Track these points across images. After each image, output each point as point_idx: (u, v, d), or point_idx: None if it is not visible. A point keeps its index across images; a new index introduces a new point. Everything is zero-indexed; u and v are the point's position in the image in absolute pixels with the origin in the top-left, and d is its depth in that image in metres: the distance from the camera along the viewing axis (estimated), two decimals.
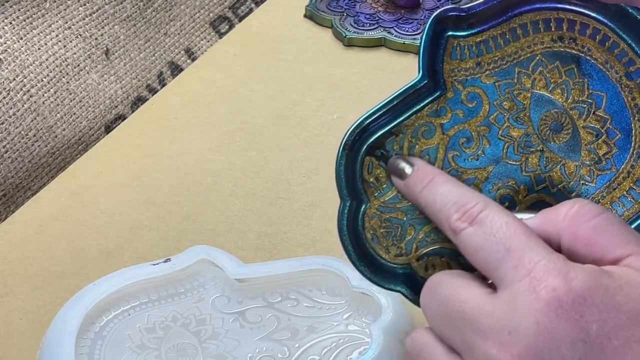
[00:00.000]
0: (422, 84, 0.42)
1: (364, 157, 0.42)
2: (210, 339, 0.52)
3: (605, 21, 0.41)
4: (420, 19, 0.86)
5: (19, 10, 0.71)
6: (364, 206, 0.43)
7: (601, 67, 0.42)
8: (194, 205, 0.65)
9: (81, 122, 0.75)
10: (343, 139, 0.42)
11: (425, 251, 0.43)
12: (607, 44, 0.41)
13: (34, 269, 0.59)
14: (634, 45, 0.41)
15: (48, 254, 0.61)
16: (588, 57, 0.42)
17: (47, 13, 0.73)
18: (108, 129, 0.77)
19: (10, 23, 0.70)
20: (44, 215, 0.64)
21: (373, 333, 0.50)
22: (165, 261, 0.55)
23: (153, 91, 0.81)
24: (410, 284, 0.43)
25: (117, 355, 0.51)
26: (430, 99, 0.42)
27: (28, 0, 0.72)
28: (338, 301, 0.54)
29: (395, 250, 0.43)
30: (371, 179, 0.43)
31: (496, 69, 0.42)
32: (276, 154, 0.70)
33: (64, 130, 0.73)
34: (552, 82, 0.42)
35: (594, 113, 0.42)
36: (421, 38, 0.42)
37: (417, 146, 0.42)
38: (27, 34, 0.72)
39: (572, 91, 0.42)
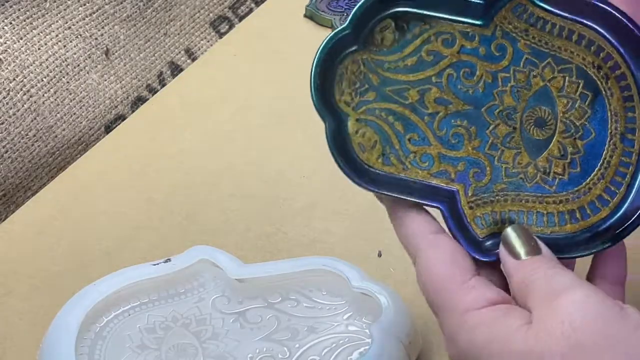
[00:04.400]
0: (476, 4, 0.44)
1: (387, 16, 0.44)
2: (210, 339, 0.52)
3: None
4: None
5: (19, 10, 0.71)
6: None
7: (609, 114, 0.44)
8: (194, 205, 0.65)
9: (81, 122, 0.75)
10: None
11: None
12: (627, 103, 0.44)
13: (34, 269, 0.59)
14: None
15: (48, 254, 0.61)
16: (606, 99, 0.44)
17: (47, 13, 0.73)
18: (108, 129, 0.76)
19: (10, 23, 0.70)
20: (44, 215, 0.64)
21: (373, 333, 0.50)
22: (166, 261, 0.55)
23: (153, 91, 0.81)
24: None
25: (118, 355, 0.51)
26: (472, 20, 0.44)
27: (28, 0, 0.72)
28: (338, 301, 0.54)
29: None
30: (377, 37, 0.44)
31: (535, 45, 0.44)
32: (276, 154, 0.70)
33: (64, 130, 0.73)
34: (566, 90, 0.44)
35: (574, 139, 0.44)
36: None
37: (431, 45, 0.44)
38: (27, 34, 0.72)
39: (574, 110, 0.44)
